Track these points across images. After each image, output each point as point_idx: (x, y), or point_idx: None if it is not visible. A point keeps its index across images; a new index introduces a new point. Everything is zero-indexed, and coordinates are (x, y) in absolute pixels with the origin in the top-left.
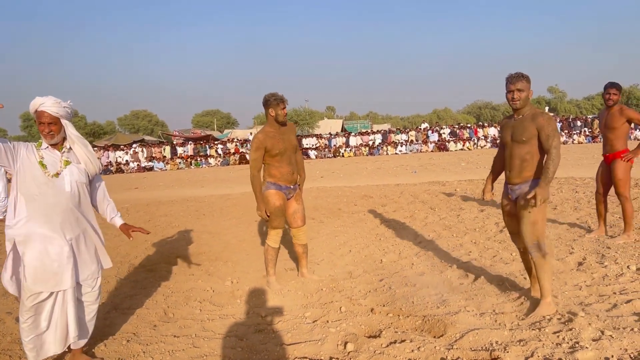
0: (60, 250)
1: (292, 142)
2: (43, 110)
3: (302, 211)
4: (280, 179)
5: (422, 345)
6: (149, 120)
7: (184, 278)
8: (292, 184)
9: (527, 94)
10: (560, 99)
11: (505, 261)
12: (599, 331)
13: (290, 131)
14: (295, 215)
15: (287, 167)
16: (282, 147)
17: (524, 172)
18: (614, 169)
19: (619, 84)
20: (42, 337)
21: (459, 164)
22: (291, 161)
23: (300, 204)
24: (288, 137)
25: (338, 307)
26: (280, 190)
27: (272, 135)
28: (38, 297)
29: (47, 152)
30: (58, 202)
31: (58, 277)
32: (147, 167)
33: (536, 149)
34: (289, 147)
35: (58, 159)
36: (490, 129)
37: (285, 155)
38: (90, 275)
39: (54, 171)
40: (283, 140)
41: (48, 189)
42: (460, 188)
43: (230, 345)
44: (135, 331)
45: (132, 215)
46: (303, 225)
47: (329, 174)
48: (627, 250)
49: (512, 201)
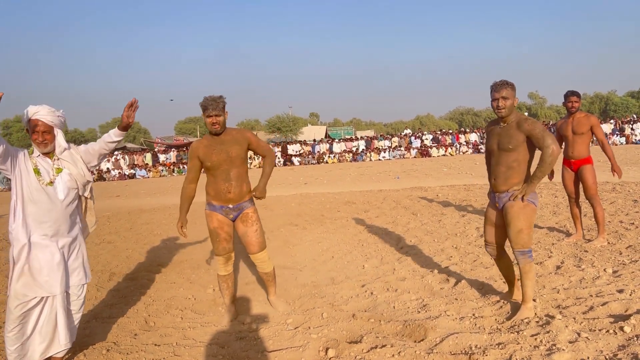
0: (52, 257)
1: (231, 154)
2: (37, 118)
3: (253, 235)
4: (214, 198)
5: (402, 350)
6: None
7: (166, 286)
8: (229, 204)
9: (513, 101)
10: (541, 104)
11: (485, 265)
12: (575, 333)
13: (234, 141)
14: (244, 239)
15: (222, 184)
16: (215, 159)
17: (511, 179)
18: (583, 175)
19: (578, 92)
20: (27, 344)
21: (441, 169)
22: (228, 177)
23: (250, 226)
24: (226, 148)
25: (320, 313)
26: (214, 211)
27: (207, 144)
28: (27, 304)
29: (39, 159)
30: (52, 210)
31: (49, 283)
32: (129, 175)
33: (523, 156)
34: (225, 161)
35: (50, 167)
36: (472, 134)
37: (219, 170)
38: (78, 282)
39: (47, 179)
40: (218, 152)
41: (42, 196)
42: (442, 193)
43: (212, 353)
44: (116, 340)
45: (113, 224)
46: (259, 251)
47: (312, 180)
48: (604, 253)
49: (499, 210)
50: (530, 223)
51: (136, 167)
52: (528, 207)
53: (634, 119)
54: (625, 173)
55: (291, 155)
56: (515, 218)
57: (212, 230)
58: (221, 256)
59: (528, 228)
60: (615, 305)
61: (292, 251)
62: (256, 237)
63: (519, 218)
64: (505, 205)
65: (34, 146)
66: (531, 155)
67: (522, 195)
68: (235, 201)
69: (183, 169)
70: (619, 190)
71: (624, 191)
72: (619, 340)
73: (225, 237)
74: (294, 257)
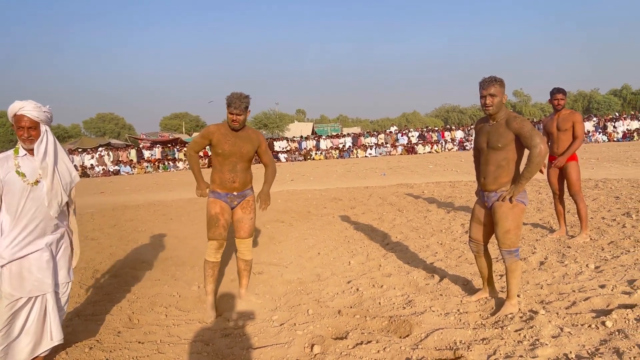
0: (40, 256)
1: (243, 150)
2: (23, 114)
3: (248, 222)
4: (220, 185)
5: (387, 346)
6: (115, 124)
7: (150, 283)
8: (234, 192)
9: (501, 98)
10: (525, 102)
11: (470, 261)
12: (558, 328)
13: (248, 140)
14: (238, 224)
15: (227, 174)
16: (227, 149)
17: (500, 178)
18: (568, 172)
19: (564, 89)
20: (13, 345)
21: (427, 166)
22: (234, 169)
23: (248, 213)
24: (240, 143)
25: (305, 310)
26: (220, 198)
27: (224, 132)
28: (16, 304)
29: (24, 159)
30: (38, 209)
31: (40, 281)
32: (114, 171)
33: (512, 154)
34: (236, 154)
35: (37, 167)
36: (458, 132)
37: (228, 160)
38: (63, 279)
39: (32, 179)
40: (232, 144)
41: (28, 196)
42: (428, 190)
43: (196, 351)
44: (99, 338)
45: (97, 220)
46: (247, 237)
47: (299, 177)
48: (587, 249)
49: (487, 209)
50: (518, 223)
51: (121, 164)
52: (517, 207)
53: (616, 116)
54: (607, 170)
55: (278, 152)
56: (504, 218)
57: (214, 215)
58: (216, 241)
59: (516, 228)
60: (597, 301)
61: (278, 248)
62: (250, 224)
63: (507, 218)
64: (494, 204)
65: (20, 142)
66: (520, 154)
67: (510, 197)
68: (239, 189)
69: (168, 166)
70: (601, 187)
71: (606, 188)
72: (601, 335)
73: (224, 224)
74: (280, 253)
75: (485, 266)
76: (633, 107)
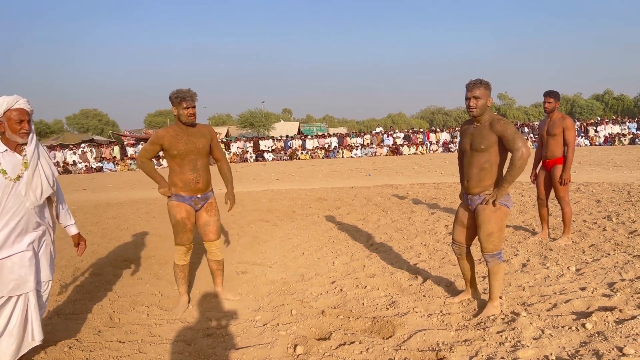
0: (22, 255)
1: (198, 145)
2: (21, 107)
3: (214, 224)
4: (183, 188)
5: (370, 347)
6: (99, 120)
7: (132, 282)
8: (198, 194)
9: (485, 101)
10: (510, 105)
11: (453, 263)
12: (539, 330)
13: (201, 134)
14: (206, 228)
15: (189, 174)
16: (182, 148)
17: (483, 181)
18: (554, 175)
19: (555, 92)
20: None
21: (411, 167)
22: (196, 167)
23: (213, 215)
24: (194, 140)
25: (289, 310)
26: (184, 202)
27: (174, 134)
28: None
29: (5, 155)
30: (21, 205)
31: (22, 279)
32: (96, 168)
33: (495, 157)
34: (193, 151)
35: (19, 162)
36: (443, 133)
37: (186, 160)
38: (45, 277)
39: (14, 175)
40: (186, 142)
41: (10, 192)
42: (413, 191)
43: (178, 350)
44: (79, 337)
45: (79, 218)
46: (215, 239)
47: (284, 176)
48: (568, 252)
49: (471, 211)
50: (501, 226)
51: (104, 160)
52: (500, 210)
53: (598, 121)
54: (589, 174)
55: (263, 151)
56: (486, 221)
57: (180, 220)
58: (184, 246)
59: (499, 231)
60: (577, 303)
61: (262, 247)
62: (217, 226)
63: (490, 221)
64: (477, 208)
65: (15, 137)
66: (503, 157)
67: (492, 200)
68: (203, 190)
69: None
70: (582, 190)
71: (588, 191)
72: (581, 337)
73: (190, 228)
74: (264, 253)
75: (468, 268)
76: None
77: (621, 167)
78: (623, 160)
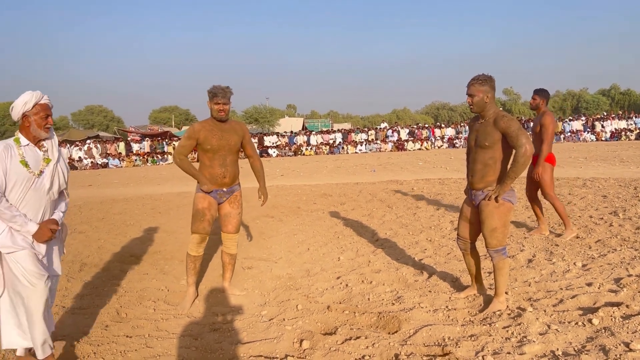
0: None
1: (230, 142)
2: (46, 103)
3: (236, 217)
4: (209, 181)
5: (376, 342)
6: (104, 116)
7: (138, 277)
8: (224, 187)
9: (482, 97)
10: (515, 101)
11: (459, 258)
12: (545, 325)
13: (233, 131)
14: (225, 219)
15: (218, 169)
16: (215, 143)
17: (487, 177)
18: (529, 171)
19: (543, 89)
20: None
21: (416, 163)
22: (225, 163)
23: (235, 209)
24: (227, 136)
25: (295, 305)
26: (209, 194)
27: (209, 128)
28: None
29: (27, 149)
30: (40, 199)
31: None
32: (102, 164)
33: (499, 154)
34: (225, 147)
35: (40, 157)
36: (448, 129)
37: (218, 154)
38: (55, 272)
39: (37, 169)
40: (219, 138)
41: (31, 187)
42: (417, 187)
43: (185, 345)
44: (86, 332)
45: (85, 214)
46: (234, 232)
47: (289, 172)
48: (574, 247)
49: (475, 207)
50: (505, 222)
51: (109, 156)
52: (503, 206)
53: (604, 116)
54: (595, 169)
55: (268, 147)
56: (490, 217)
57: (200, 209)
58: (199, 234)
59: (503, 227)
60: (584, 298)
61: (267, 243)
62: (237, 219)
63: (493, 217)
64: (481, 203)
65: (39, 132)
66: (507, 154)
67: (495, 196)
68: (229, 184)
69: (157, 159)
70: (589, 185)
71: (594, 187)
72: (588, 332)
73: (209, 219)
74: (269, 248)
75: (473, 263)
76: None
77: (628, 162)
78: (629, 156)
